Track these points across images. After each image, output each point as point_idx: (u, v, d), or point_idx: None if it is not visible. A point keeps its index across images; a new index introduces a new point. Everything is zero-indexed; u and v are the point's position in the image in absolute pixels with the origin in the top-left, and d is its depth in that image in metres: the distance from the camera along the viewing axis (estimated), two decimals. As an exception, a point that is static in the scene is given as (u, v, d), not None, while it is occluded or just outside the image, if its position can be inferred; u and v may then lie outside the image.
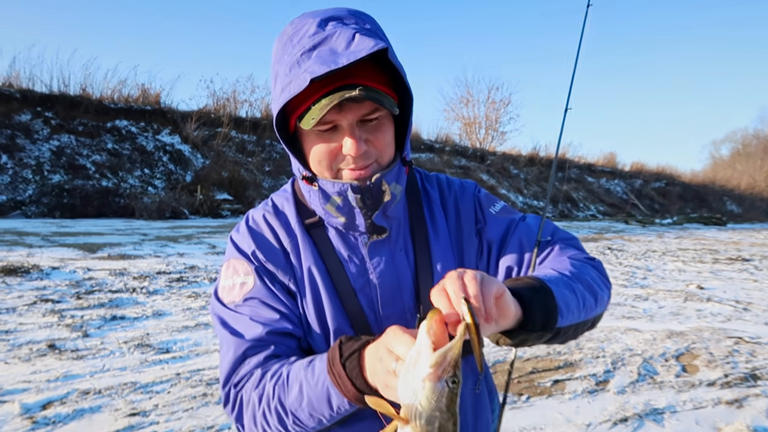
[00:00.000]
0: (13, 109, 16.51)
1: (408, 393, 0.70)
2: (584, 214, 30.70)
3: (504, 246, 1.15)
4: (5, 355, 4.39)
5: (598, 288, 1.05)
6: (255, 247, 1.09)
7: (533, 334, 0.86)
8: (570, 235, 1.20)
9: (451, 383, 0.69)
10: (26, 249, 8.44)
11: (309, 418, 0.91)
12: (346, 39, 0.93)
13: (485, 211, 1.19)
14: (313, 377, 0.89)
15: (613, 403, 4.01)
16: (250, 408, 0.96)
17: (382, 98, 0.95)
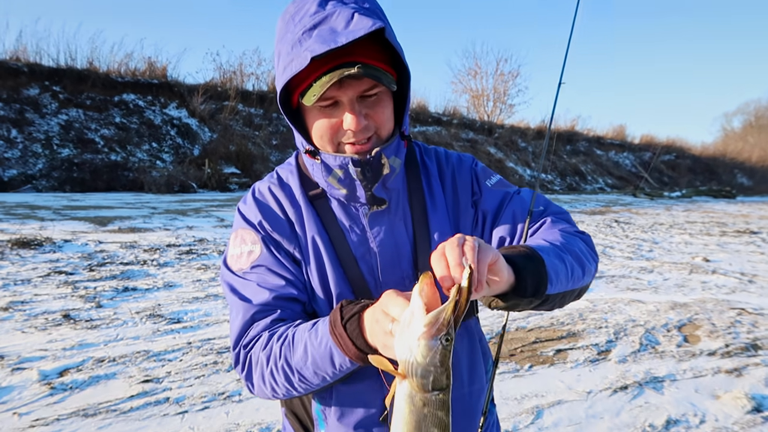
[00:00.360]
0: (21, 84, 16.55)
1: (404, 351, 0.76)
2: (592, 187, 30.58)
3: (498, 217, 1.19)
4: (22, 324, 4.52)
5: (585, 260, 1.10)
6: (261, 218, 1.15)
7: (524, 299, 0.92)
8: (562, 210, 1.24)
9: (444, 341, 0.74)
10: (38, 222, 8.57)
11: (313, 375, 0.97)
12: (345, 18, 0.96)
13: (481, 184, 1.23)
14: (316, 338, 0.94)
15: (614, 372, 4.09)
16: (259, 367, 1.03)
17: (380, 75, 0.98)
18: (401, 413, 0.77)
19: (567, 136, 34.22)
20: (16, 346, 4.07)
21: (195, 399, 3.42)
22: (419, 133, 25.99)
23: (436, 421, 0.76)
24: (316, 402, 1.15)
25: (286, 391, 1.02)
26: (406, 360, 0.76)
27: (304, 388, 1.01)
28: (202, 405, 3.35)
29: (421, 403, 0.76)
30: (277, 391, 1.03)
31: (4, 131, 14.87)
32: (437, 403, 0.76)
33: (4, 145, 14.52)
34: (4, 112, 15.37)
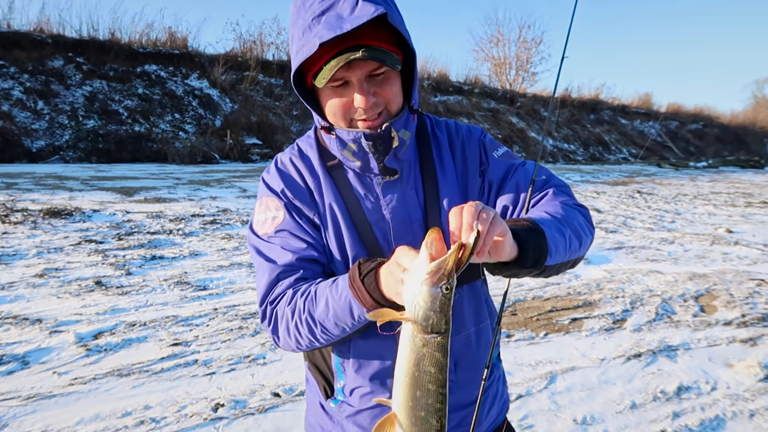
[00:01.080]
0: (45, 55, 16.77)
1: (409, 295, 0.86)
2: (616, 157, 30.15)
3: (502, 187, 1.27)
4: (57, 290, 4.73)
5: (583, 233, 1.18)
6: (284, 186, 1.24)
7: (524, 269, 1.01)
8: (563, 182, 1.32)
9: (444, 289, 0.84)
10: (67, 192, 8.82)
11: (334, 326, 1.07)
12: (351, 5, 1.04)
13: (489, 155, 1.31)
14: (337, 292, 1.05)
15: (628, 340, 4.17)
16: (284, 321, 1.14)
17: (385, 57, 1.06)
18: (404, 351, 0.88)
19: (591, 104, 33.63)
20: (53, 310, 4.28)
21: (222, 361, 3.59)
22: (440, 102, 25.79)
23: (434, 361, 0.86)
24: (336, 356, 1.26)
25: (309, 343, 1.13)
26: (410, 302, 0.86)
27: (325, 339, 1.12)
28: (229, 367, 3.52)
29: (421, 344, 0.86)
30: (300, 343, 1.14)
31: (31, 103, 15.15)
32: (435, 345, 0.85)
33: (31, 116, 14.82)
34: (30, 84, 15.64)
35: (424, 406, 0.87)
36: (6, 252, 5.65)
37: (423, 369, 0.86)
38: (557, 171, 19.74)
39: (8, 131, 13.75)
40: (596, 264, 6.56)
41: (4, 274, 5.04)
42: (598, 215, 10.30)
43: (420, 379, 0.87)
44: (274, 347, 3.82)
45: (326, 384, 1.30)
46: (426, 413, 0.88)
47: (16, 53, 16.12)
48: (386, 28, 1.11)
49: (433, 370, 0.86)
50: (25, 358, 3.50)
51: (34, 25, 17.64)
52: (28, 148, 13.92)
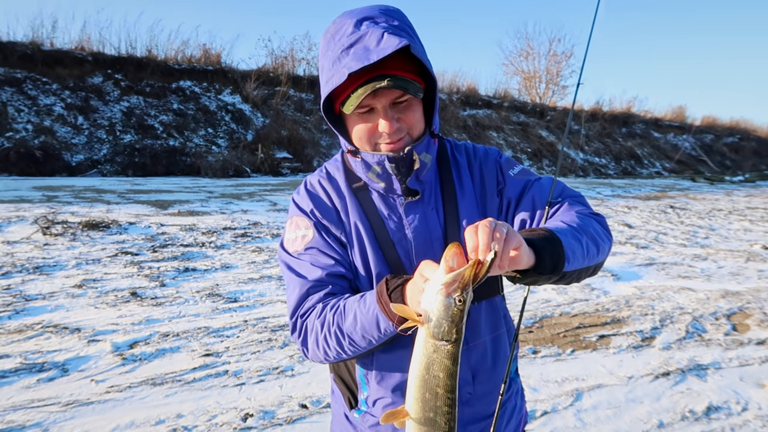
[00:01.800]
0: (86, 72, 17.38)
1: (426, 302, 0.93)
2: (648, 171, 29.66)
3: (520, 202, 1.34)
4: (95, 300, 4.91)
5: (600, 239, 1.23)
6: (313, 206, 1.33)
7: (543, 276, 1.06)
8: (577, 193, 1.38)
9: (457, 301, 0.90)
10: (105, 205, 9.11)
11: (361, 339, 1.14)
12: (377, 38, 1.13)
13: (505, 174, 1.38)
14: (365, 306, 1.12)
15: (657, 359, 4.13)
16: (314, 333, 1.22)
17: (408, 85, 1.15)
18: (417, 354, 0.95)
19: (622, 118, 33.19)
20: (91, 320, 4.44)
21: (251, 372, 3.68)
22: (469, 116, 25.79)
23: (443, 367, 0.92)
24: (360, 367, 1.32)
25: (337, 354, 1.21)
26: (425, 308, 0.93)
27: (352, 351, 1.19)
28: (258, 378, 3.60)
29: (432, 349, 0.92)
30: (329, 354, 1.21)
31: (72, 118, 15.69)
32: (445, 352, 0.92)
33: (71, 131, 15.34)
34: (71, 100, 16.21)
35: (433, 408, 0.93)
36: (47, 263, 5.88)
37: (432, 373, 0.92)
38: (588, 185, 19.54)
39: (50, 145, 14.26)
40: (626, 280, 6.49)
41: (45, 284, 5.25)
42: (629, 230, 10.17)
43: (429, 383, 0.93)
44: (302, 359, 3.89)
45: (350, 395, 1.36)
46: (435, 414, 0.94)
47: (58, 70, 16.75)
48: (409, 59, 1.19)
49: (442, 375, 0.92)
50: (64, 366, 3.65)
51: (76, 44, 18.30)
52: (68, 161, 14.40)
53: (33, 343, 3.97)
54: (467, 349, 1.29)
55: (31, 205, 8.59)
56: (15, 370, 3.56)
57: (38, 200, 9.15)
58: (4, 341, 3.97)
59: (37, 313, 4.53)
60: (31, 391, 3.31)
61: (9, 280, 5.29)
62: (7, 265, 5.69)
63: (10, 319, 4.38)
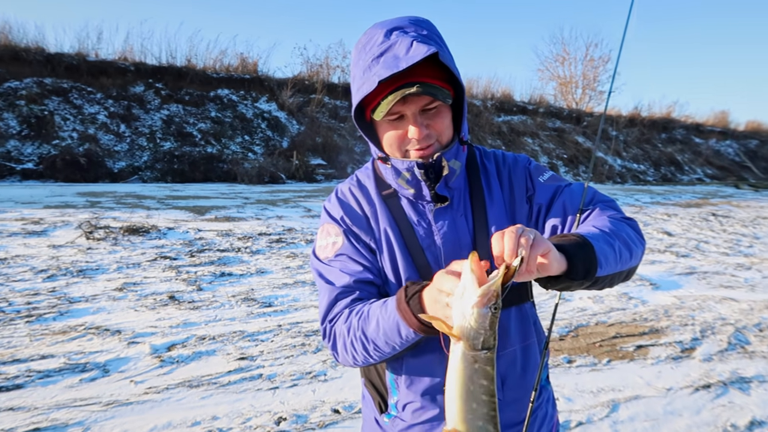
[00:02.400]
0: (128, 81, 17.91)
1: (459, 317, 0.93)
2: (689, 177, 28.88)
3: (550, 208, 1.34)
4: (135, 303, 5.04)
5: (632, 244, 1.22)
6: (343, 214, 1.36)
7: (575, 282, 1.06)
8: (609, 198, 1.37)
9: (493, 309, 0.91)
10: (145, 211, 9.35)
11: (385, 344, 1.16)
12: (406, 46, 1.15)
13: (534, 180, 1.38)
14: (386, 313, 1.13)
15: (697, 370, 4.02)
16: (341, 338, 1.24)
17: (437, 92, 1.17)
18: (456, 369, 0.95)
19: (662, 123, 32.44)
20: (131, 322, 4.57)
21: (285, 377, 3.72)
22: (503, 122, 25.59)
23: (484, 374, 0.93)
24: (389, 372, 1.34)
25: (364, 359, 1.22)
26: (461, 325, 0.93)
27: (378, 356, 1.20)
28: (291, 382, 3.65)
29: (473, 360, 0.93)
30: (357, 359, 1.23)
31: (114, 126, 16.18)
32: (485, 359, 0.93)
33: (114, 139, 15.82)
34: (114, 109, 16.72)
35: (481, 416, 0.94)
36: (90, 266, 6.07)
37: (476, 383, 0.93)
38: (626, 192, 19.14)
39: (93, 153, 14.73)
40: (665, 289, 6.34)
41: (88, 287, 5.42)
42: (668, 238, 9.93)
43: (475, 393, 0.94)
44: (335, 364, 3.92)
45: (381, 399, 1.38)
46: (483, 422, 0.94)
47: (102, 80, 17.32)
48: (438, 66, 1.21)
49: (485, 382, 0.93)
50: (105, 367, 3.76)
51: (119, 54, 18.89)
52: (111, 168, 14.85)
53: (76, 344, 4.10)
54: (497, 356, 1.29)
55: (75, 211, 8.88)
56: (59, 369, 3.69)
57: (82, 206, 9.46)
58: (50, 342, 4.12)
59: (80, 315, 4.69)
60: (74, 391, 3.42)
61: (54, 282, 5.48)
62: (52, 268, 5.90)
63: (55, 321, 4.53)
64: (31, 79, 16.16)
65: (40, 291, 5.21)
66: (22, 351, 3.94)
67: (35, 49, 16.77)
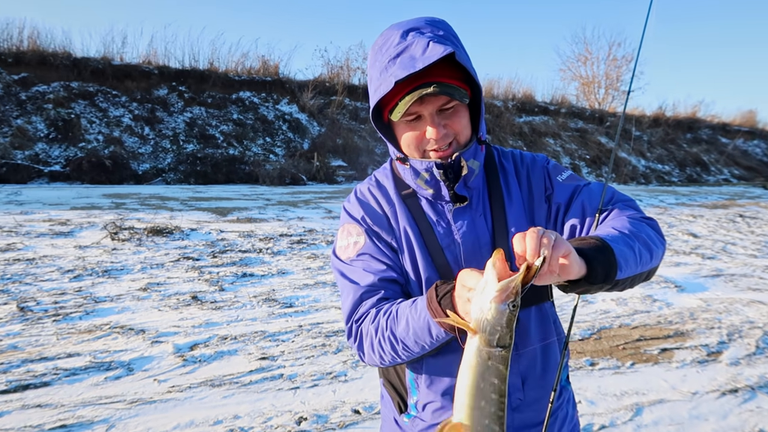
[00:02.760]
0: (152, 85, 18.20)
1: (477, 311, 0.93)
2: (715, 178, 28.36)
3: (569, 208, 1.32)
4: (158, 303, 5.11)
5: (653, 244, 1.20)
6: (363, 213, 1.36)
7: (595, 285, 1.04)
8: (628, 197, 1.35)
9: (511, 306, 0.90)
10: (169, 212, 9.48)
11: (414, 344, 1.15)
12: (422, 47, 1.15)
13: (553, 180, 1.37)
14: (416, 312, 1.13)
15: (723, 374, 3.94)
16: (369, 338, 1.23)
17: (453, 91, 1.16)
18: (469, 363, 0.94)
19: (687, 123, 31.91)
20: (154, 322, 4.64)
21: (305, 377, 3.74)
22: (525, 123, 25.41)
23: (497, 373, 0.92)
24: (410, 372, 1.34)
25: (392, 359, 1.22)
26: (478, 318, 0.92)
27: (406, 356, 1.20)
28: (312, 383, 3.66)
29: (487, 356, 0.92)
30: (384, 358, 1.23)
31: (139, 129, 16.45)
32: (499, 358, 0.91)
33: (138, 141, 16.08)
34: (138, 112, 17.00)
35: (488, 415, 0.93)
36: (115, 267, 6.17)
37: (488, 380, 0.92)
38: (650, 193, 18.87)
39: (118, 155, 14.99)
40: (690, 292, 6.23)
41: (113, 287, 5.51)
42: (694, 240, 9.76)
43: (485, 390, 0.92)
44: (356, 365, 3.93)
45: (400, 400, 1.38)
46: (490, 421, 0.93)
47: (127, 83, 17.62)
48: (454, 66, 1.21)
49: (497, 381, 0.92)
50: (129, 365, 3.82)
51: (143, 58, 19.21)
52: (135, 170, 15.09)
53: (101, 343, 4.17)
54: (517, 355, 1.28)
55: (101, 212, 9.05)
56: (85, 368, 3.75)
57: (107, 207, 9.63)
58: (76, 340, 4.20)
59: (106, 315, 4.77)
60: (99, 389, 3.48)
61: (80, 282, 5.59)
62: (78, 268, 6.01)
63: (81, 320, 4.62)
64: (59, 83, 16.52)
65: (66, 291, 5.32)
66: (50, 349, 4.02)
67: (62, 54, 17.14)
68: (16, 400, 3.29)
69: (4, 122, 14.50)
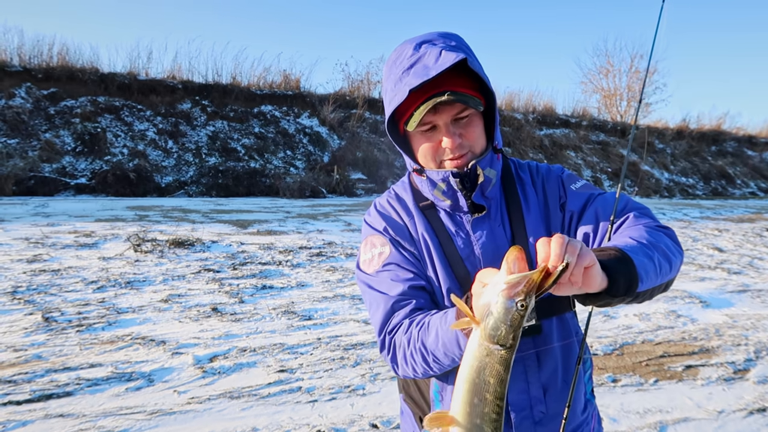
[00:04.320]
0: (176, 99, 18.51)
1: (484, 303, 0.90)
2: (741, 191, 27.84)
3: (582, 216, 1.32)
4: (179, 315, 5.16)
5: (671, 254, 1.18)
6: (386, 224, 1.37)
7: (616, 298, 1.02)
8: (642, 206, 1.34)
9: (519, 306, 0.86)
10: (190, 224, 9.59)
11: (444, 356, 1.14)
12: (435, 56, 1.17)
13: (567, 188, 1.37)
14: (445, 324, 1.11)
15: (751, 393, 3.84)
16: (401, 349, 1.23)
17: (467, 99, 1.18)
18: (468, 356, 0.92)
19: (712, 135, 31.43)
20: (175, 333, 4.68)
21: (324, 390, 3.74)
22: (545, 136, 25.27)
23: (494, 373, 0.88)
24: (435, 385, 1.33)
25: (424, 371, 1.21)
26: (483, 310, 0.90)
27: (438, 368, 1.19)
28: (330, 396, 3.66)
29: (485, 352, 0.89)
30: (417, 370, 1.22)
31: (162, 143, 16.72)
32: (498, 357, 0.88)
33: (162, 155, 16.33)
34: (163, 126, 17.28)
35: (480, 414, 0.90)
36: (137, 278, 6.25)
37: (483, 378, 0.89)
38: (674, 206, 18.59)
39: (143, 168, 15.23)
40: (716, 308, 6.10)
41: (135, 298, 5.58)
42: (719, 254, 9.57)
43: (479, 387, 0.90)
44: (374, 378, 3.92)
45: (422, 414, 1.37)
46: (481, 421, 0.90)
47: (152, 98, 17.95)
48: (468, 76, 1.23)
49: (493, 381, 0.89)
50: (150, 376, 3.86)
51: (168, 73, 19.55)
52: (158, 183, 15.31)
53: (123, 354, 4.22)
54: (539, 366, 1.27)
55: (124, 224, 9.19)
56: (107, 378, 3.80)
57: (131, 219, 9.78)
58: (98, 351, 4.25)
59: (128, 326, 4.82)
60: (120, 399, 3.52)
61: (104, 293, 5.67)
62: (102, 279, 6.10)
63: (104, 330, 4.68)
64: (86, 97, 16.88)
65: (90, 301, 5.40)
66: (73, 359, 4.08)
67: (90, 69, 17.53)
68: (39, 409, 3.34)
69: (33, 136, 14.86)
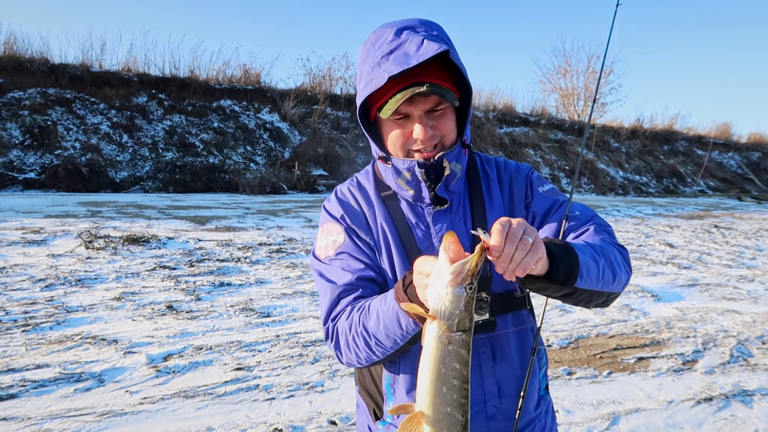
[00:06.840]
0: (131, 92, 18.02)
1: (434, 297, 0.91)
2: (692, 189, 28.85)
3: (545, 220, 1.34)
4: (132, 313, 5.01)
5: (618, 267, 1.21)
6: (343, 212, 1.35)
7: (553, 285, 1.05)
8: (606, 223, 1.37)
9: (468, 289, 0.88)
10: (146, 221, 9.35)
11: (386, 338, 1.13)
12: (417, 44, 1.15)
13: (534, 190, 1.38)
14: (385, 305, 1.11)
15: (699, 383, 3.97)
16: (344, 336, 1.21)
17: (445, 93, 1.16)
18: (429, 350, 0.92)
19: (664, 135, 32.49)
20: (128, 332, 4.54)
21: (282, 387, 3.68)
22: (505, 134, 25.64)
23: (458, 357, 0.90)
24: (386, 377, 1.32)
25: (367, 356, 1.19)
26: (436, 304, 0.90)
27: (381, 352, 1.17)
28: (288, 393, 3.61)
29: (447, 341, 0.90)
30: (359, 356, 1.20)
31: (117, 137, 16.25)
32: (460, 342, 0.90)
33: (116, 149, 15.88)
34: (117, 119, 16.80)
35: (449, 402, 0.91)
36: (89, 276, 6.05)
37: (449, 366, 0.90)
38: (628, 203, 19.12)
39: (95, 162, 14.78)
40: (667, 301, 6.29)
41: (86, 296, 5.40)
42: (670, 250, 9.88)
43: (446, 376, 0.91)
44: (333, 375, 3.89)
45: (376, 407, 1.36)
46: (452, 408, 0.91)
47: (105, 91, 17.42)
48: (445, 68, 1.21)
49: (458, 366, 0.90)
50: (101, 377, 3.73)
51: (123, 65, 19.02)
52: (113, 178, 14.88)
53: (72, 354, 4.07)
54: (493, 361, 1.27)
55: (75, 220, 8.88)
56: (54, 379, 3.65)
57: (83, 215, 9.46)
58: (46, 351, 4.09)
59: (77, 325, 4.66)
60: (69, 401, 3.39)
61: (52, 291, 5.46)
62: (51, 277, 5.88)
63: (52, 330, 4.51)
64: (35, 89, 16.26)
65: (37, 300, 5.19)
66: (18, 360, 3.91)
67: (39, 60, 16.89)
68: (-19, 413, 3.19)
69: (-23, 128, 14.23)
